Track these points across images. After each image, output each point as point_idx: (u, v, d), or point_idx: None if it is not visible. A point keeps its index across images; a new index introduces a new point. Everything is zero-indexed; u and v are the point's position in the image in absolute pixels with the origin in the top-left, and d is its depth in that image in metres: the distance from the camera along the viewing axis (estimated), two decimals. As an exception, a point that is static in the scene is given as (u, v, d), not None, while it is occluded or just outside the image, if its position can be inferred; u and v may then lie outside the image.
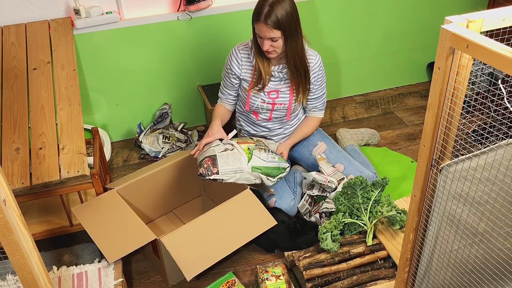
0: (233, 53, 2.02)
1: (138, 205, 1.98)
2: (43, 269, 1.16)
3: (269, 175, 1.91)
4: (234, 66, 2.02)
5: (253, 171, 1.86)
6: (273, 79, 2.01)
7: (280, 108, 2.07)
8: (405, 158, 2.44)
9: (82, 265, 1.73)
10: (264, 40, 1.83)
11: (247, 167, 1.85)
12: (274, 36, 1.81)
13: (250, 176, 1.86)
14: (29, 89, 1.95)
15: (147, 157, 2.52)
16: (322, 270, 1.70)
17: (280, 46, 1.86)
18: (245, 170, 1.84)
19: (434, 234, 1.20)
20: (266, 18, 1.77)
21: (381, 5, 2.73)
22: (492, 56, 0.85)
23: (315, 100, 2.12)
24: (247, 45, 2.01)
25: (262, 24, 1.79)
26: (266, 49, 1.86)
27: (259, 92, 2.03)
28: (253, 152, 1.90)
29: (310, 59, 1.99)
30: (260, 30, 1.81)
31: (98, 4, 2.28)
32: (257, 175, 1.87)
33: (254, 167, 1.86)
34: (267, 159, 1.91)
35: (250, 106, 2.08)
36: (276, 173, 1.93)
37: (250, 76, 2.02)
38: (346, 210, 1.84)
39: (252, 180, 1.87)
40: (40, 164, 1.71)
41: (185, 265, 1.58)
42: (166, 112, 2.61)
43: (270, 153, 1.94)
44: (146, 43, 2.44)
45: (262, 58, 1.95)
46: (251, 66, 2.01)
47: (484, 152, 1.00)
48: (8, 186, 1.03)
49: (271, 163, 1.92)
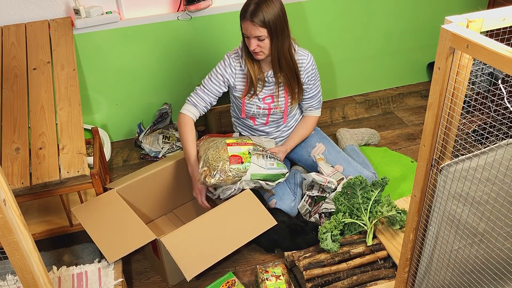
0: (227, 61, 1.97)
1: (138, 205, 1.98)
2: (43, 269, 1.16)
3: (268, 180, 1.90)
4: (228, 74, 1.98)
5: (252, 178, 1.85)
6: (267, 84, 2.01)
7: (276, 112, 2.07)
8: (405, 158, 2.44)
9: (82, 265, 1.73)
10: (251, 39, 1.83)
11: (246, 176, 1.83)
12: (260, 34, 1.80)
13: (250, 183, 1.86)
14: (29, 89, 1.94)
15: (147, 157, 2.52)
16: (322, 270, 1.70)
17: (267, 46, 1.85)
18: (243, 179, 1.83)
19: (434, 234, 1.20)
20: (251, 15, 1.77)
21: (381, 5, 2.73)
22: (492, 56, 0.84)
23: (311, 99, 2.12)
24: (237, 54, 1.98)
25: (248, 22, 1.79)
26: (253, 49, 1.84)
27: (252, 98, 2.02)
28: (252, 158, 1.86)
29: (301, 59, 1.98)
30: (246, 28, 1.81)
31: (98, 4, 2.28)
32: (256, 182, 1.87)
33: (253, 175, 1.84)
34: (265, 166, 1.88)
35: (246, 113, 2.08)
36: (275, 179, 1.93)
37: (243, 84, 2.01)
38: (346, 210, 1.84)
39: (251, 185, 1.87)
40: (40, 164, 1.71)
41: (185, 265, 1.58)
42: (166, 112, 2.61)
43: (268, 159, 1.91)
44: (146, 43, 2.44)
45: (252, 62, 1.94)
46: (243, 75, 2.00)
47: (484, 152, 1.00)
48: (8, 186, 1.03)
49: (270, 170, 1.89)
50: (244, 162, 1.83)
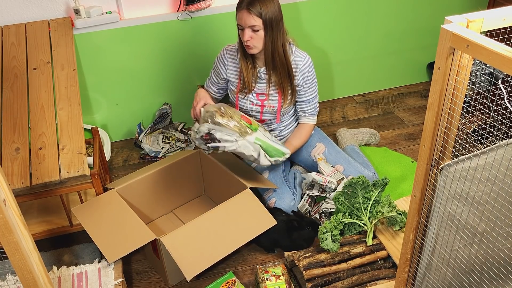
0: (220, 54, 2.06)
1: (138, 205, 1.98)
2: (43, 269, 1.16)
3: (267, 153, 1.88)
4: (220, 66, 2.06)
5: (255, 141, 1.84)
6: (260, 80, 2.01)
7: (269, 110, 2.07)
8: (405, 158, 2.44)
9: (82, 265, 1.73)
10: (245, 29, 1.84)
11: (251, 137, 1.83)
12: (255, 23, 1.81)
13: (249, 146, 1.83)
14: (29, 89, 1.95)
15: (147, 157, 2.52)
16: (322, 270, 1.70)
17: (261, 38, 1.86)
18: (247, 138, 1.82)
19: (434, 234, 1.20)
20: (248, 4, 1.80)
21: (381, 5, 2.73)
22: (492, 56, 0.85)
23: (305, 104, 2.09)
24: (234, 47, 2.03)
25: (244, 10, 1.81)
26: (246, 40, 1.85)
27: (247, 95, 2.04)
28: (260, 128, 1.89)
29: (298, 60, 1.99)
30: (241, 17, 1.83)
31: (98, 4, 2.28)
32: (257, 148, 1.85)
33: (257, 138, 1.85)
34: (271, 138, 1.91)
35: (240, 108, 2.09)
36: (275, 154, 1.91)
37: (237, 77, 2.03)
38: (346, 210, 1.84)
39: (250, 151, 1.83)
40: (40, 164, 1.71)
41: (185, 265, 1.58)
42: (166, 112, 2.61)
43: (273, 137, 1.95)
44: (146, 43, 2.44)
45: (246, 58, 1.96)
46: (237, 68, 2.02)
47: (484, 152, 1.00)
48: (8, 186, 1.03)
49: (274, 143, 1.91)
50: (252, 124, 1.89)
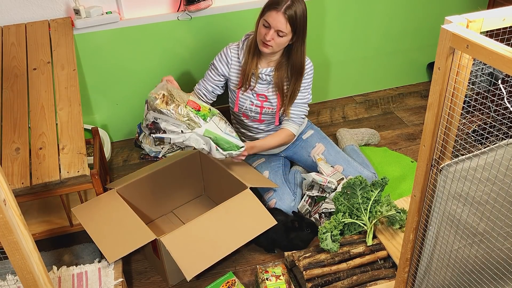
0: (224, 52, 2.02)
1: (138, 205, 1.98)
2: (43, 269, 1.16)
3: (219, 145, 1.79)
4: (222, 64, 2.02)
5: (205, 134, 1.75)
6: (261, 81, 2.01)
7: (268, 112, 2.07)
8: (405, 158, 2.44)
9: (82, 265, 1.73)
10: (270, 29, 1.81)
11: (200, 130, 1.74)
12: (285, 30, 1.80)
13: (199, 139, 1.75)
14: (29, 89, 1.94)
15: (147, 157, 2.52)
16: (322, 270, 1.70)
17: (282, 43, 1.85)
18: (196, 131, 1.73)
19: (434, 234, 1.20)
20: (286, 9, 1.78)
21: (381, 5, 2.73)
22: (492, 56, 0.85)
23: (294, 107, 2.04)
24: (238, 45, 2.02)
25: (280, 13, 1.78)
26: (268, 39, 1.82)
27: (246, 92, 2.03)
28: (213, 118, 1.79)
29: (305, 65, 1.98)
30: (274, 18, 1.79)
31: (98, 4, 2.28)
32: (207, 141, 1.76)
33: (207, 130, 1.75)
34: (224, 130, 1.80)
35: (239, 107, 2.08)
36: (228, 148, 1.80)
37: (238, 75, 2.02)
38: (346, 210, 1.84)
39: (200, 144, 1.76)
40: (40, 164, 1.71)
41: (185, 265, 1.58)
42: (166, 112, 2.61)
43: (229, 127, 1.84)
44: (146, 43, 2.44)
45: (253, 55, 1.94)
46: (239, 67, 2.01)
47: (484, 152, 1.00)
48: (8, 186, 1.03)
49: (227, 135, 1.80)
50: (202, 111, 1.77)
